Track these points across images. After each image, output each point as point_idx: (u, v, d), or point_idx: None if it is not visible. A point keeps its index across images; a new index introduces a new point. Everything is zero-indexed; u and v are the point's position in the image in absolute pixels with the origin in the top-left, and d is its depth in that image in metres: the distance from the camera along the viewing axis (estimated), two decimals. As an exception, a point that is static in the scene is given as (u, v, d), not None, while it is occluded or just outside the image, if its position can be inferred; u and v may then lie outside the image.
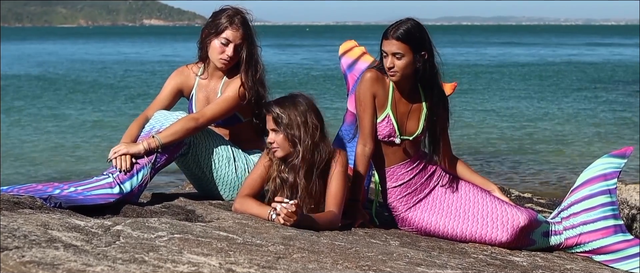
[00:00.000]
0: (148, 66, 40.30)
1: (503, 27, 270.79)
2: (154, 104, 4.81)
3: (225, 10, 4.69)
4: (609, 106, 21.23)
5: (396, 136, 4.58)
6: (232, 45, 4.64)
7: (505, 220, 4.57)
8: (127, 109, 20.39)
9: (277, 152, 4.32)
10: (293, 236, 3.63)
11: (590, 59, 45.41)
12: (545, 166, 12.19)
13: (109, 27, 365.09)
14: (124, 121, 17.02)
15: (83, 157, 13.42)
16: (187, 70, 4.90)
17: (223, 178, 4.68)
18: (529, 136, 15.64)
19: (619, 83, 28.78)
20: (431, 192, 4.70)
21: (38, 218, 2.98)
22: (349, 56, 5.41)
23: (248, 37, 4.69)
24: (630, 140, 14.63)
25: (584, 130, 16.45)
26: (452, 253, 4.18)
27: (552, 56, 51.68)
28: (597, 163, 4.86)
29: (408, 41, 4.42)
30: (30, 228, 2.75)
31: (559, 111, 20.06)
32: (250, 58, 4.69)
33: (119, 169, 4.33)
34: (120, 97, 23.80)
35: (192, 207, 4.31)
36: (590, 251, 4.72)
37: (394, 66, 4.44)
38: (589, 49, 62.92)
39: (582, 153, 13.50)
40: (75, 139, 15.36)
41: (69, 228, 2.91)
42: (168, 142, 4.44)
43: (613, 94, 24.42)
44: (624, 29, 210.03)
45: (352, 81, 5.22)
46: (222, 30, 4.64)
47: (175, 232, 3.18)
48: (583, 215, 4.73)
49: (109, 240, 2.84)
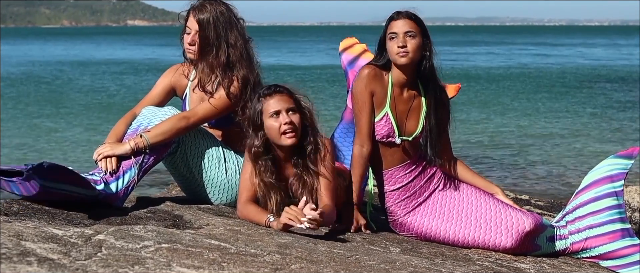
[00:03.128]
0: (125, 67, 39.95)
1: (487, 27, 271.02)
2: (144, 101, 4.55)
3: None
4: (602, 106, 21.10)
5: (395, 136, 4.34)
6: (193, 31, 4.43)
7: (509, 225, 4.34)
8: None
9: (294, 137, 4.01)
10: (289, 244, 3.38)
11: (582, 61, 45.27)
12: (541, 167, 11.98)
13: (93, 27, 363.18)
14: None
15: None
16: (182, 68, 4.65)
17: (212, 179, 4.42)
18: (523, 136, 15.44)
19: (604, 83, 28.66)
20: (431, 195, 4.47)
21: (11, 227, 2.70)
22: (350, 53, 5.18)
23: (203, 22, 4.41)
24: (628, 141, 14.46)
25: (581, 130, 16.25)
26: (456, 260, 3.96)
27: (549, 56, 51.62)
28: (602, 164, 4.64)
29: (418, 21, 4.27)
30: (2, 239, 2.47)
31: (551, 111, 19.89)
32: (216, 42, 4.40)
33: (105, 171, 4.07)
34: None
35: (179, 212, 4.05)
36: (597, 256, 4.51)
37: (407, 45, 4.21)
38: (586, 49, 62.85)
39: (580, 154, 13.30)
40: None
41: (45, 239, 2.64)
42: (156, 142, 4.18)
43: (607, 94, 24.28)
44: (607, 29, 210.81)
45: (352, 77, 4.99)
46: (184, 22, 4.48)
47: (163, 241, 2.92)
48: (589, 219, 4.51)
49: (89, 251, 2.56)
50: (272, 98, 4.03)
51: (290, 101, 4.04)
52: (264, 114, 4.04)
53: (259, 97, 4.07)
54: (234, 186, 4.44)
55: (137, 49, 66.00)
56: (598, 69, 37.43)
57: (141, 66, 40.78)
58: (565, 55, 53.03)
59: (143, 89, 25.83)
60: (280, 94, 4.04)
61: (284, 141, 4.01)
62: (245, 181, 4.11)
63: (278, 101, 4.02)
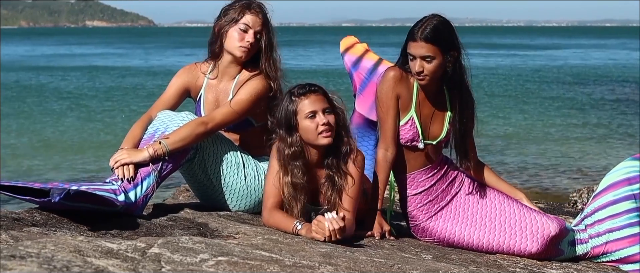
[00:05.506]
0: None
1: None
2: (158, 103, 4.40)
3: (238, 2, 4.34)
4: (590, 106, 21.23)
5: (420, 141, 4.25)
6: (252, 31, 4.28)
7: (534, 230, 4.27)
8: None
9: (330, 136, 3.90)
10: (330, 254, 3.28)
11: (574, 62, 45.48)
12: (537, 168, 11.94)
13: (51, 28, 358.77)
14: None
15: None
16: (196, 68, 4.49)
17: (231, 186, 4.29)
18: (517, 136, 15.40)
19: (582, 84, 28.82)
20: (453, 199, 4.38)
21: (66, 241, 2.55)
22: (352, 53, 5.01)
23: (267, 23, 4.34)
24: (624, 142, 14.53)
25: (571, 132, 16.26)
26: (488, 266, 3.87)
27: (517, 56, 51.91)
28: (619, 166, 4.59)
29: (437, 41, 4.09)
30: (67, 257, 2.32)
31: (538, 113, 19.91)
32: (270, 46, 4.33)
33: (122, 179, 3.92)
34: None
35: (202, 220, 3.92)
36: (618, 260, 4.45)
37: (424, 70, 4.11)
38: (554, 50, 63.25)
39: (581, 156, 13.29)
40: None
41: (105, 254, 2.48)
42: (176, 149, 4.04)
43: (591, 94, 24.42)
44: (567, 30, 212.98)
45: (358, 80, 4.85)
46: (241, 18, 4.29)
47: (217, 254, 2.78)
48: (608, 222, 4.46)
49: (153, 267, 2.43)
50: (307, 98, 3.91)
51: (325, 100, 3.94)
52: (298, 115, 3.92)
53: (292, 97, 3.94)
54: (252, 193, 4.32)
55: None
56: (566, 69, 37.69)
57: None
58: (532, 55, 53.39)
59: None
60: (315, 93, 3.93)
61: (321, 140, 3.90)
62: (271, 187, 3.97)
63: (314, 101, 3.91)
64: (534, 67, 38.21)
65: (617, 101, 22.35)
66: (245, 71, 4.37)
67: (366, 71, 4.81)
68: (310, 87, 3.94)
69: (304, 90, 3.93)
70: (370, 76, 4.77)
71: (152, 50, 62.84)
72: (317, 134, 3.89)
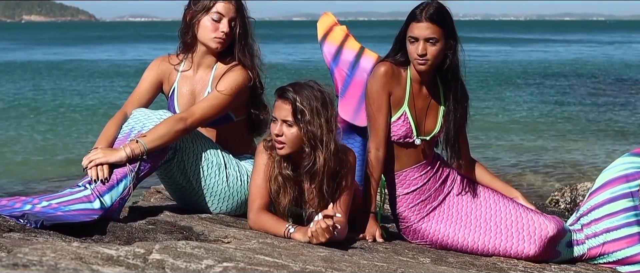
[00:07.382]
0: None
1: (401, 23, 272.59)
2: (132, 98, 4.10)
3: None
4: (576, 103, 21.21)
5: (414, 137, 4.02)
6: (225, 20, 4.00)
7: (531, 231, 4.08)
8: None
9: (283, 149, 3.65)
10: (330, 258, 3.11)
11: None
12: (529, 166, 11.80)
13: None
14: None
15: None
16: (168, 60, 4.20)
17: (212, 188, 4.02)
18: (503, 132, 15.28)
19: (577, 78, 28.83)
20: (445, 199, 4.16)
21: (64, 248, 2.34)
22: (331, 42, 4.58)
23: (241, 9, 4.06)
24: (623, 141, 14.46)
25: (561, 128, 16.17)
26: (487, 269, 3.70)
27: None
28: (617, 162, 4.42)
29: (442, 23, 3.89)
30: (71, 265, 2.11)
31: (519, 105, 19.84)
32: (245, 34, 4.05)
33: (95, 180, 3.65)
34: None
35: (185, 223, 3.67)
36: (615, 261, 4.29)
37: (427, 53, 3.88)
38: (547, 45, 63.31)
39: (560, 154, 13.18)
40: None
41: (106, 261, 2.28)
42: (154, 147, 3.76)
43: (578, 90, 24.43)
44: (526, 24, 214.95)
45: (340, 79, 4.46)
46: (212, 5, 4.00)
47: (220, 259, 2.60)
48: (605, 222, 4.28)
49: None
50: (277, 101, 3.67)
51: (290, 112, 3.62)
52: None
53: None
54: (234, 195, 4.07)
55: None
56: (525, 64, 37.80)
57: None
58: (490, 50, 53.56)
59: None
60: (284, 100, 3.64)
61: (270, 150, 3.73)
62: (257, 188, 3.72)
63: (278, 107, 3.67)
64: (494, 63, 38.24)
65: (589, 94, 22.39)
66: (222, 61, 4.11)
67: (348, 66, 4.47)
68: (284, 92, 3.65)
69: (281, 92, 3.67)
70: (353, 72, 4.46)
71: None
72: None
